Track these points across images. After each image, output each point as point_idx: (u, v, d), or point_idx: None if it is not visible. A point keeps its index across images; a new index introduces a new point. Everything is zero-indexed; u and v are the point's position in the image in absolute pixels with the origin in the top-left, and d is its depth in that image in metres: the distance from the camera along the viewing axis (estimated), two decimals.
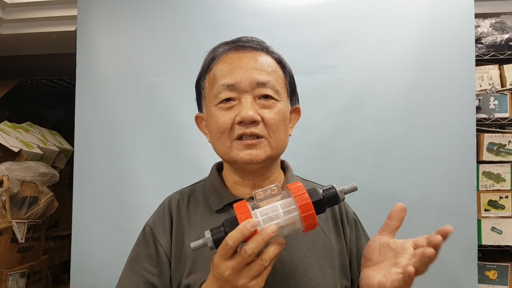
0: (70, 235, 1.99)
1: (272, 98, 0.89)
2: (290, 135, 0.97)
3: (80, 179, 2.00)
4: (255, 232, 0.67)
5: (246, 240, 0.67)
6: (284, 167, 1.03)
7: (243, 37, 0.96)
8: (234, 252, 0.69)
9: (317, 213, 0.71)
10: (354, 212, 1.04)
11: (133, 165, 1.97)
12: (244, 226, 0.67)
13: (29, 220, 2.48)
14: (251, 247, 0.66)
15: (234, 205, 0.73)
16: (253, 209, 0.71)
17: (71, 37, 2.18)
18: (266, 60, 0.92)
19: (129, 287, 0.90)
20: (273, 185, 0.74)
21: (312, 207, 0.70)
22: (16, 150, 2.63)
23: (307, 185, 1.02)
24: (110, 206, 1.96)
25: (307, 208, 0.70)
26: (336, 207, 0.98)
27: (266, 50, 0.95)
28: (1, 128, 2.75)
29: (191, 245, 0.71)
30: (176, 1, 2.02)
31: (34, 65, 3.64)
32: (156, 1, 2.03)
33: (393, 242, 0.73)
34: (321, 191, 0.74)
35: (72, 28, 2.39)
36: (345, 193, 0.75)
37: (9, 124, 2.89)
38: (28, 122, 3.14)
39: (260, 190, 0.73)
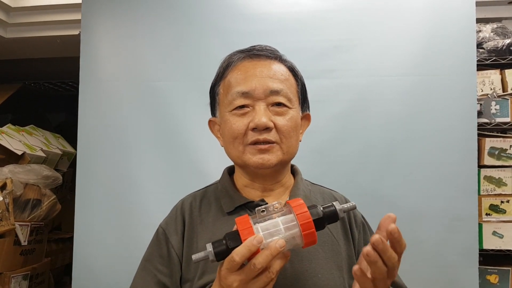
0: (72, 237, 1.99)
1: (284, 105, 0.93)
2: (300, 141, 1.00)
3: (82, 182, 2.01)
4: (259, 249, 0.69)
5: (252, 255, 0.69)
6: (294, 171, 1.07)
7: (257, 45, 1.00)
8: (241, 265, 0.71)
9: (317, 230, 0.73)
10: (362, 216, 1.06)
11: (135, 168, 1.98)
12: (250, 243, 0.68)
13: (32, 223, 2.48)
14: (260, 261, 0.68)
15: (236, 219, 0.74)
16: (254, 224, 0.73)
17: (75, 41, 2.19)
18: (279, 69, 0.96)
19: (142, 287, 0.93)
20: (276, 202, 0.76)
21: (313, 226, 0.72)
22: (19, 153, 2.64)
23: (315, 189, 1.06)
24: (112, 209, 1.96)
25: (308, 227, 0.72)
26: None
27: (279, 58, 0.98)
28: (5, 131, 2.76)
29: (192, 257, 0.73)
30: (180, 6, 2.03)
31: (38, 69, 3.66)
32: (160, 5, 2.04)
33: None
34: (321, 208, 0.75)
35: (76, 32, 2.41)
36: (344, 211, 0.77)
37: (13, 127, 2.90)
38: (31, 125, 3.15)
39: (262, 207, 0.75)
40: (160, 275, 0.92)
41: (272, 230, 0.72)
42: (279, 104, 0.92)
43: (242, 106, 0.92)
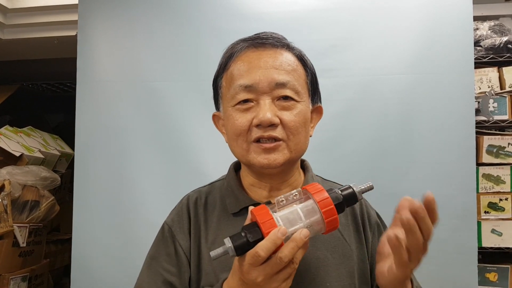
0: (71, 238, 1.99)
1: (292, 99, 0.85)
2: (311, 136, 0.93)
3: (80, 183, 2.01)
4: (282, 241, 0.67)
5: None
6: (304, 166, 1.00)
7: (262, 33, 0.92)
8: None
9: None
10: (377, 214, 1.01)
11: (133, 169, 1.97)
12: (275, 236, 0.66)
13: (31, 224, 2.48)
14: (287, 255, 0.66)
15: (253, 210, 0.71)
16: (272, 213, 0.71)
17: (72, 41, 2.19)
18: (286, 58, 0.88)
19: (148, 286, 0.89)
20: (295, 191, 0.73)
21: (335, 212, 0.70)
22: (17, 154, 2.64)
23: (326, 186, 1.01)
24: (111, 210, 1.96)
25: (331, 213, 0.70)
26: (358, 210, 0.96)
27: (286, 46, 0.90)
28: (3, 133, 2.76)
29: (210, 254, 0.69)
30: (176, 6, 2.03)
31: (35, 70, 3.65)
32: (156, 6, 2.04)
33: (401, 232, 0.70)
34: (339, 192, 0.73)
35: (73, 33, 2.40)
36: (362, 193, 0.75)
37: (11, 128, 2.89)
38: (29, 127, 3.14)
39: (282, 196, 0.72)
40: (167, 274, 0.88)
41: (292, 219, 0.70)
42: (285, 98, 0.85)
43: (246, 101, 0.85)
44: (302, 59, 0.92)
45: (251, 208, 0.73)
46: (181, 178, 1.90)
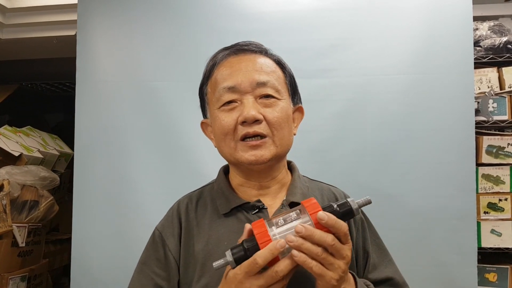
0: (70, 238, 1.99)
1: (273, 97, 0.91)
2: (294, 134, 0.98)
3: (80, 183, 2.00)
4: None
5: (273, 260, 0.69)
6: (291, 167, 1.04)
7: (241, 41, 0.99)
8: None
9: None
10: (362, 211, 1.03)
11: (133, 169, 1.97)
12: (274, 247, 0.68)
13: (30, 224, 2.47)
14: (282, 269, 0.69)
15: (253, 226, 0.73)
16: (270, 227, 0.73)
17: (71, 41, 2.19)
18: (265, 62, 0.94)
19: None
20: (293, 212, 0.75)
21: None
22: (16, 154, 2.63)
23: (313, 185, 1.04)
24: (110, 210, 1.96)
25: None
26: None
27: (264, 52, 0.97)
28: (2, 133, 2.75)
29: (213, 264, 0.73)
30: (176, 6, 2.03)
31: (34, 70, 3.65)
32: (155, 6, 2.04)
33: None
34: (335, 206, 0.74)
35: (72, 33, 2.40)
36: (360, 207, 0.76)
37: (10, 128, 2.88)
38: (29, 126, 3.13)
39: (281, 218, 0.74)
40: (157, 278, 0.91)
41: (289, 234, 0.71)
42: (267, 96, 0.91)
43: (230, 102, 0.91)
44: (280, 63, 0.98)
45: (247, 225, 0.77)
46: (181, 178, 1.90)
